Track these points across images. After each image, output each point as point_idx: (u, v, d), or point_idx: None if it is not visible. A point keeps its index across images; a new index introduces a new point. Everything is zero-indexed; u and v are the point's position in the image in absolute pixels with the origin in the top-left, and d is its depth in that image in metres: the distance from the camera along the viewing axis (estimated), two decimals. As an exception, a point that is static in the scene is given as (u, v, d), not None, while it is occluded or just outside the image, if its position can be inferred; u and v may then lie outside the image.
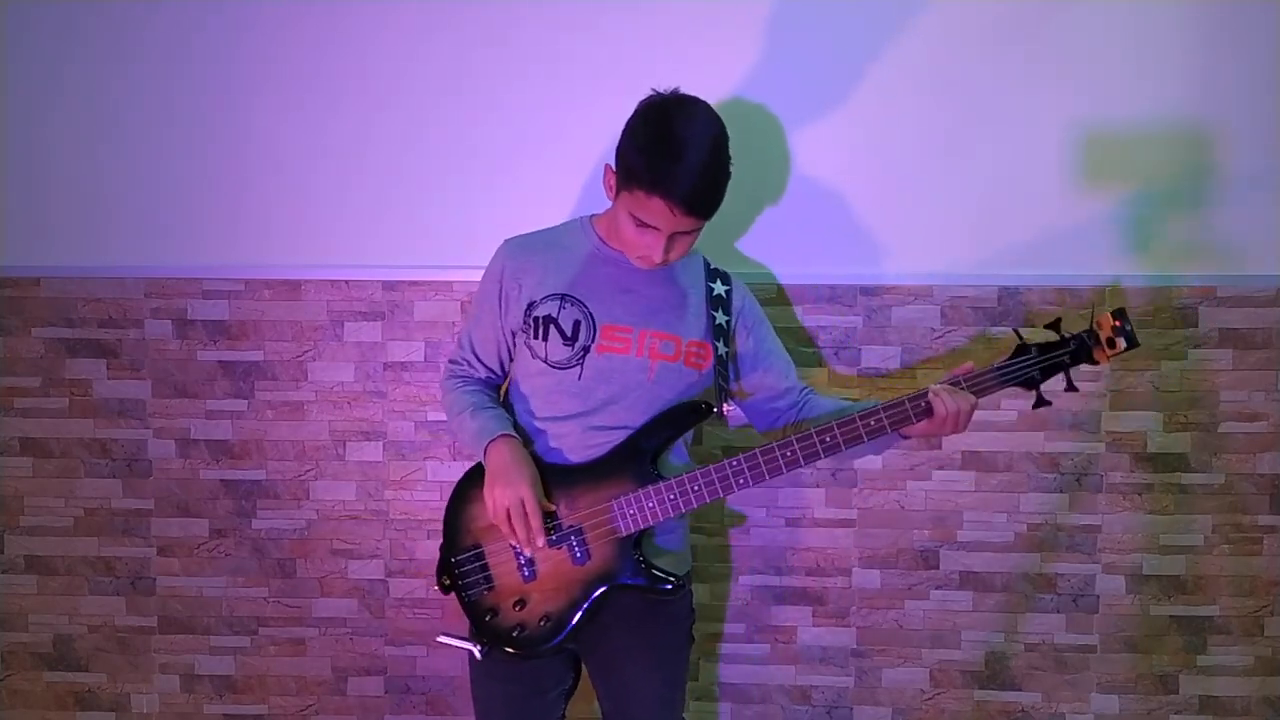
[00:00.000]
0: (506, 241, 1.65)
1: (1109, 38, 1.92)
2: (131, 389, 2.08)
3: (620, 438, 1.56)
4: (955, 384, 1.55)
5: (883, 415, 1.53)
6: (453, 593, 1.60)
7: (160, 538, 2.10)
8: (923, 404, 1.53)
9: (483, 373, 1.67)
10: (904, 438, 1.59)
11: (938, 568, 2.05)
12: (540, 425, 1.59)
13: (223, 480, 2.09)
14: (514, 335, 1.61)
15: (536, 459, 1.57)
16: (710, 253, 1.72)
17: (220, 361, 2.07)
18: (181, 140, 2.02)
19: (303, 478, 2.08)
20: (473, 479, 1.59)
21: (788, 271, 2.00)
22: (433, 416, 2.06)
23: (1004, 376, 1.56)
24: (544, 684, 1.64)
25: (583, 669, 1.70)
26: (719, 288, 1.63)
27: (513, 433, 1.57)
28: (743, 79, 1.95)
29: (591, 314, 1.56)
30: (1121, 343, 1.53)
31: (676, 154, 1.41)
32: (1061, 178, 1.95)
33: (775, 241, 1.99)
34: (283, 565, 2.10)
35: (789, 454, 1.53)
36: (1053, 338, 1.58)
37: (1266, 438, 2.00)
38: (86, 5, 1.99)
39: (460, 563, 1.59)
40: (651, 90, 1.51)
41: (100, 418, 2.09)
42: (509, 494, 1.50)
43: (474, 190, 2.01)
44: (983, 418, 2.00)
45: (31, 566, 2.12)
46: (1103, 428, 2.01)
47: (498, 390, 1.70)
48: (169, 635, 2.12)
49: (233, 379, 2.07)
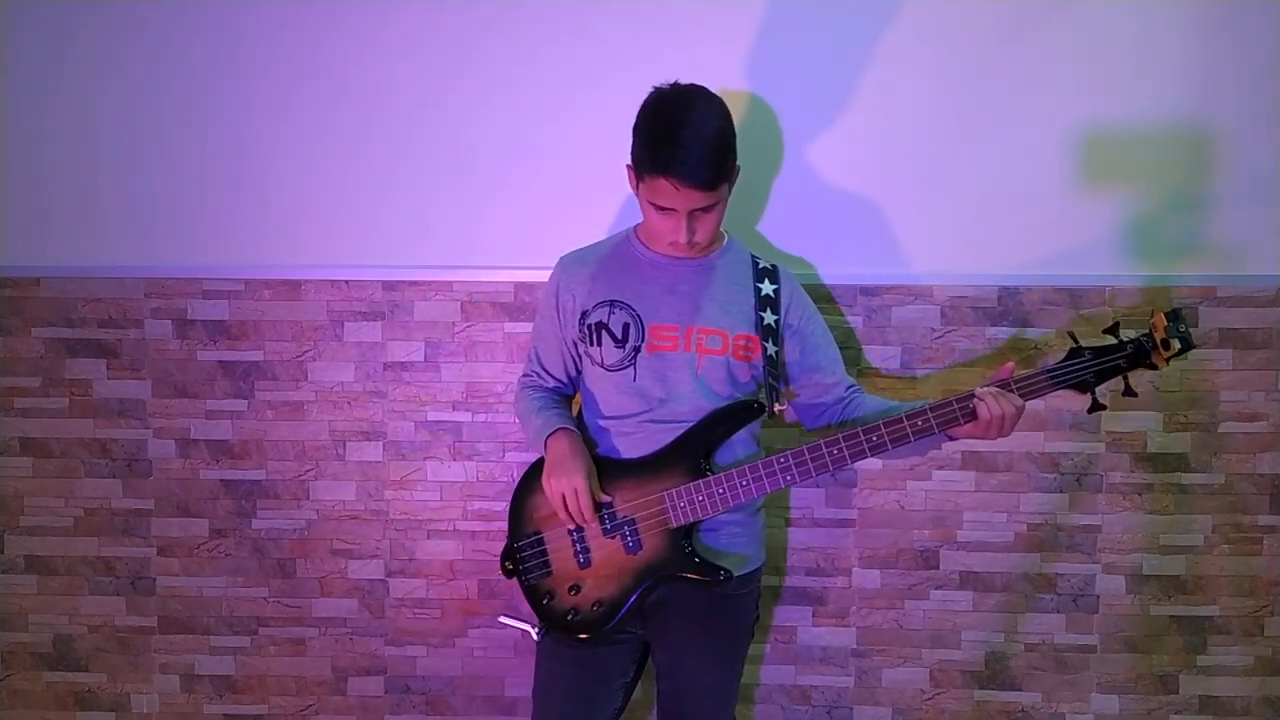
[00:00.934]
0: (561, 258, 1.72)
1: (1109, 38, 1.92)
2: (131, 389, 2.08)
3: (678, 433, 1.61)
4: (1004, 386, 1.55)
5: (930, 416, 1.55)
6: (514, 577, 1.68)
7: (160, 538, 2.10)
8: (970, 406, 1.53)
9: (551, 383, 1.75)
10: (950, 439, 1.60)
11: (938, 568, 2.05)
12: (605, 425, 1.66)
13: (223, 480, 2.09)
14: (576, 345, 1.69)
15: (596, 456, 1.64)
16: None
17: (220, 361, 2.07)
18: (181, 140, 2.02)
19: (303, 478, 2.08)
20: (537, 471, 1.66)
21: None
22: (433, 416, 2.06)
23: (1056, 379, 1.55)
24: (607, 672, 1.69)
25: (647, 662, 1.75)
26: (767, 287, 1.67)
27: (571, 427, 1.65)
28: (743, 79, 1.95)
29: (639, 315, 1.62)
30: (1176, 344, 1.49)
31: (674, 135, 1.47)
32: (1061, 178, 1.95)
33: (775, 241, 1.99)
34: (283, 565, 2.10)
35: (835, 452, 1.57)
36: (1108, 340, 1.56)
37: (1266, 438, 2.00)
38: (86, 5, 1.99)
39: (521, 548, 1.67)
40: (653, 87, 1.55)
41: (100, 418, 2.09)
42: (564, 482, 1.57)
43: (474, 190, 2.01)
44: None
45: (31, 566, 2.12)
46: (1103, 428, 2.01)
47: (568, 400, 1.77)
48: (169, 635, 2.12)
49: (233, 379, 2.07)
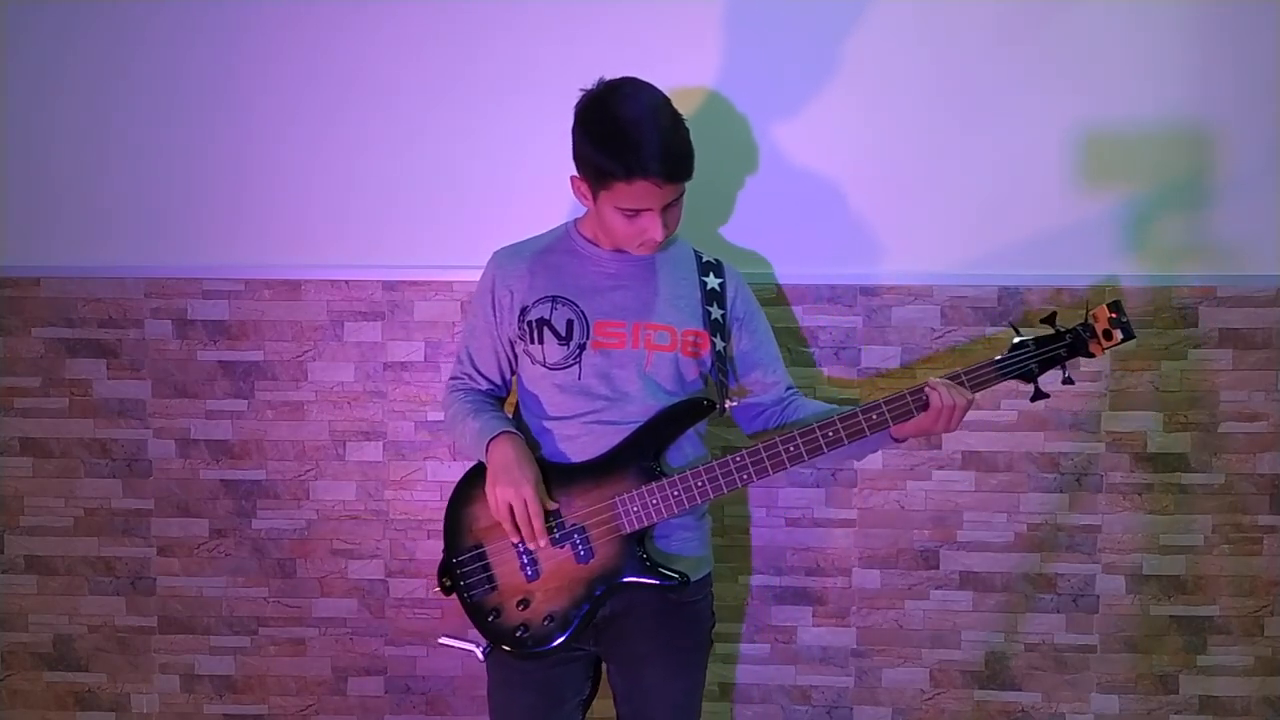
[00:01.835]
0: (495, 252, 1.66)
1: (1109, 38, 1.92)
2: (131, 389, 2.08)
3: (626, 433, 1.55)
4: (955, 378, 1.55)
5: (884, 409, 1.53)
6: (454, 594, 1.59)
7: (160, 538, 2.10)
8: (923, 397, 1.53)
9: (484, 385, 1.67)
10: (897, 441, 1.59)
11: (938, 568, 2.05)
12: (548, 426, 1.59)
13: (223, 480, 2.09)
14: (512, 344, 1.62)
15: (541, 459, 1.57)
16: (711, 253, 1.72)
17: (220, 361, 2.07)
18: (181, 140, 2.02)
19: (303, 478, 2.08)
20: (473, 479, 1.59)
21: (787, 271, 2.00)
22: (433, 416, 2.06)
23: (1002, 369, 1.56)
24: (562, 693, 1.62)
25: (601, 678, 1.69)
26: (712, 281, 1.63)
27: (514, 430, 1.57)
28: (744, 79, 1.95)
29: (583, 312, 1.56)
30: (1118, 334, 1.54)
31: (635, 134, 1.42)
32: (1061, 178, 1.95)
33: (775, 241, 1.99)
34: (283, 565, 2.10)
35: (792, 449, 1.52)
36: (1046, 330, 1.59)
37: (1266, 438, 2.00)
38: (86, 5, 2.00)
39: (462, 563, 1.58)
40: (579, 90, 1.50)
41: (100, 418, 2.09)
42: (510, 491, 1.49)
43: (474, 191, 2.01)
44: (983, 417, 2.01)
45: (31, 566, 2.12)
46: (1103, 428, 2.01)
47: (502, 403, 1.70)
48: (169, 635, 2.12)
49: (233, 379, 2.07)
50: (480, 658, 1.60)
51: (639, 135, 1.42)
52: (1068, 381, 1.59)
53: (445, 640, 1.64)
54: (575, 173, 1.52)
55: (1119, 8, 1.91)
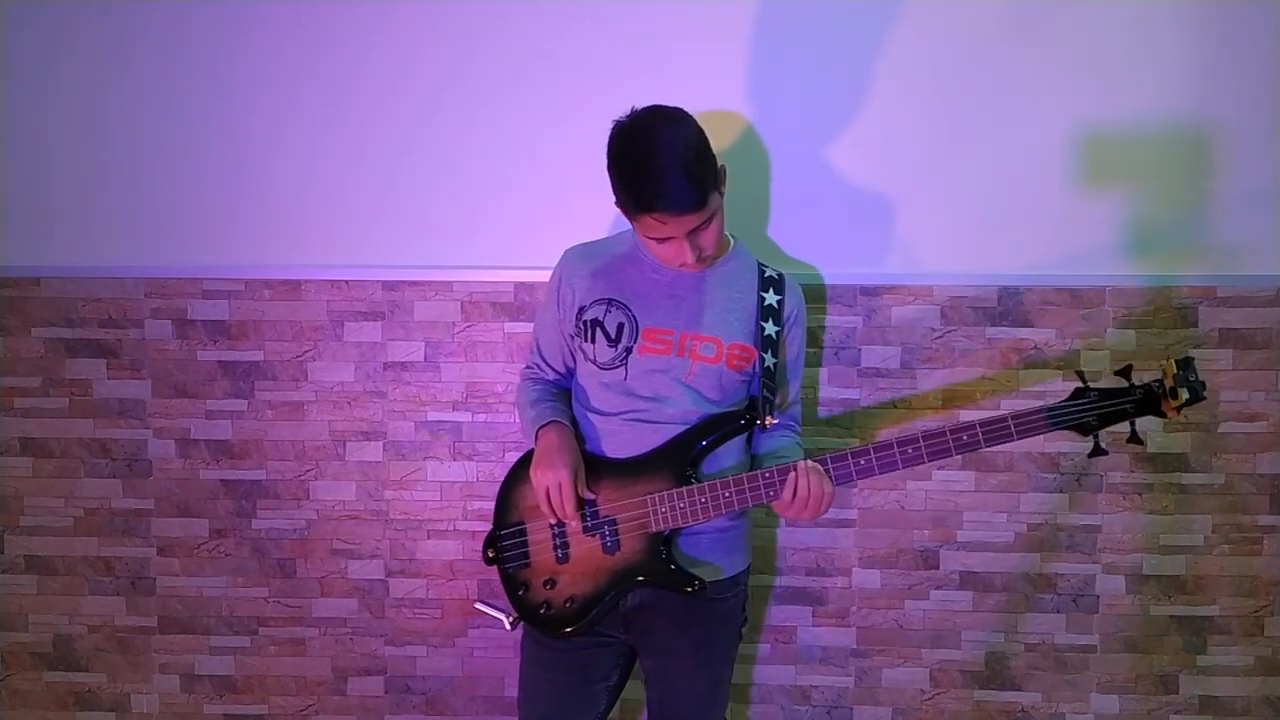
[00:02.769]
0: (567, 250, 1.71)
1: (1109, 38, 1.92)
2: (131, 389, 2.08)
3: (666, 435, 1.60)
4: (1001, 423, 1.48)
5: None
6: (495, 565, 1.68)
7: (160, 538, 2.10)
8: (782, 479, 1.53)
9: (551, 375, 1.74)
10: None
11: (938, 568, 2.05)
12: (594, 420, 1.65)
13: (223, 480, 2.09)
14: (572, 339, 1.68)
15: (584, 451, 1.63)
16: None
17: (220, 361, 2.07)
18: (181, 140, 2.02)
19: (303, 478, 2.08)
20: (526, 462, 1.66)
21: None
22: (433, 416, 2.06)
23: (1056, 419, 1.48)
24: (590, 674, 1.68)
25: (632, 669, 1.74)
26: (771, 298, 1.65)
27: (564, 421, 1.65)
28: (744, 79, 1.95)
29: (635, 317, 1.61)
30: (1184, 394, 1.42)
31: (647, 170, 1.45)
32: (1062, 177, 1.95)
33: (775, 241, 1.99)
34: (283, 565, 2.10)
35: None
36: (1119, 384, 1.48)
37: (1266, 438, 2.00)
38: (86, 5, 1.99)
39: (504, 536, 1.68)
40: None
41: (100, 418, 2.09)
42: (550, 475, 1.56)
43: (473, 190, 2.01)
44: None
45: (31, 566, 2.12)
46: (1103, 428, 2.01)
47: (567, 394, 1.75)
48: (169, 635, 2.12)
49: (233, 379, 2.07)
50: (508, 627, 1.67)
51: (648, 171, 1.45)
52: (1134, 440, 1.46)
53: (480, 605, 1.74)
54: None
55: (1119, 8, 1.91)
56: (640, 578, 1.58)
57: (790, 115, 1.96)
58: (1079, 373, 1.53)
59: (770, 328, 1.63)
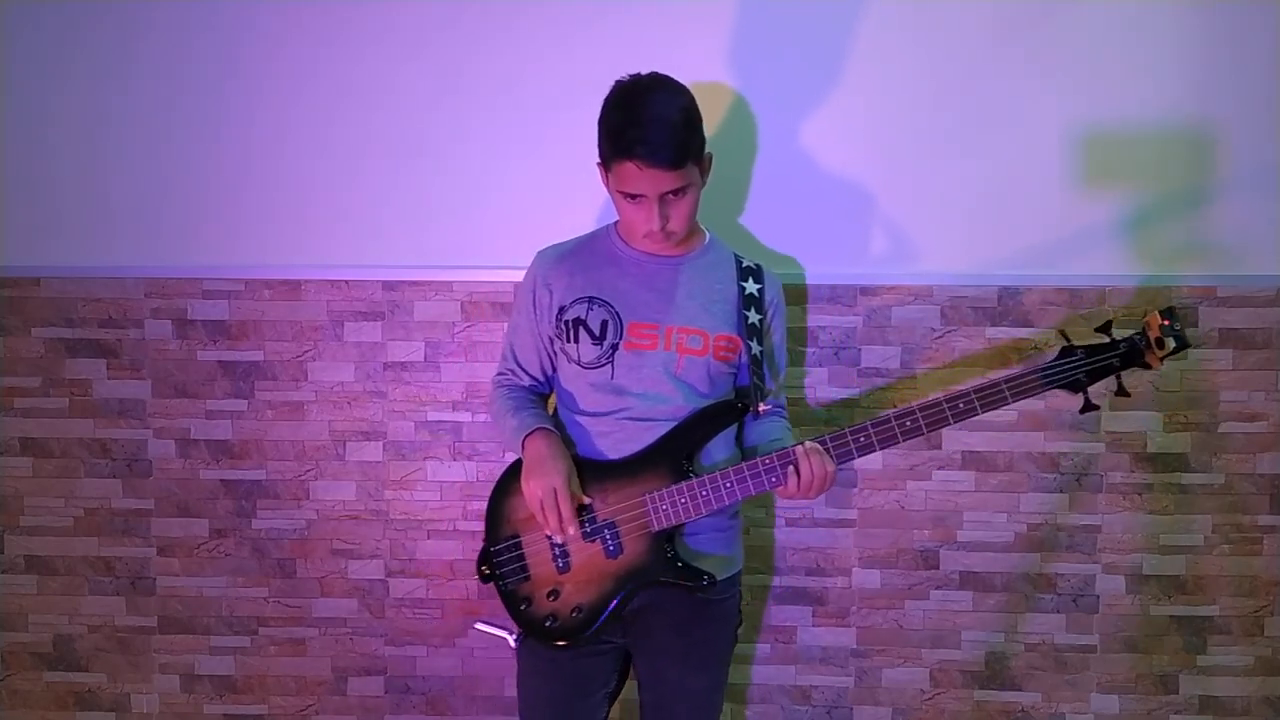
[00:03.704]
0: (539, 251, 1.70)
1: (1109, 38, 1.92)
2: (131, 389, 2.08)
3: (658, 432, 1.58)
4: (995, 387, 1.52)
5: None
6: (491, 582, 1.64)
7: (160, 538, 2.10)
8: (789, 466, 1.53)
9: (527, 381, 1.71)
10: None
11: (938, 568, 2.05)
12: (582, 422, 1.62)
13: (223, 480, 2.09)
14: (551, 341, 1.66)
15: (575, 456, 1.60)
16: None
17: (220, 361, 2.07)
18: (181, 140, 2.02)
19: (303, 478, 2.08)
20: (515, 472, 1.63)
21: (787, 271, 2.00)
22: (433, 416, 2.06)
23: (1048, 378, 1.52)
24: (589, 685, 1.65)
25: (629, 672, 1.72)
26: (751, 286, 1.65)
27: (550, 427, 1.61)
28: (743, 79, 1.95)
29: (618, 313, 1.59)
30: (1171, 343, 1.46)
31: (636, 116, 1.46)
32: (1061, 177, 1.95)
33: (775, 242, 1.99)
34: (283, 565, 2.10)
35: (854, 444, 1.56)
36: (1101, 339, 1.53)
37: (1266, 438, 2.00)
38: (86, 6, 2.00)
39: (498, 552, 1.62)
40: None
41: (100, 418, 2.09)
42: (543, 484, 1.53)
43: (474, 190, 2.01)
44: (983, 417, 1.99)
45: (31, 566, 2.12)
46: (1103, 428, 2.01)
47: (543, 399, 1.73)
48: (169, 635, 2.12)
49: (233, 379, 2.07)
50: (512, 644, 1.64)
51: (635, 118, 1.46)
52: (1121, 393, 1.53)
53: (481, 625, 1.70)
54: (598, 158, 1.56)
55: (1119, 8, 1.91)
56: (650, 579, 1.56)
57: (788, 115, 1.96)
58: (1062, 332, 1.57)
59: (753, 316, 1.63)
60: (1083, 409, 1.54)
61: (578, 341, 1.60)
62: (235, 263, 2.04)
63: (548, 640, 1.59)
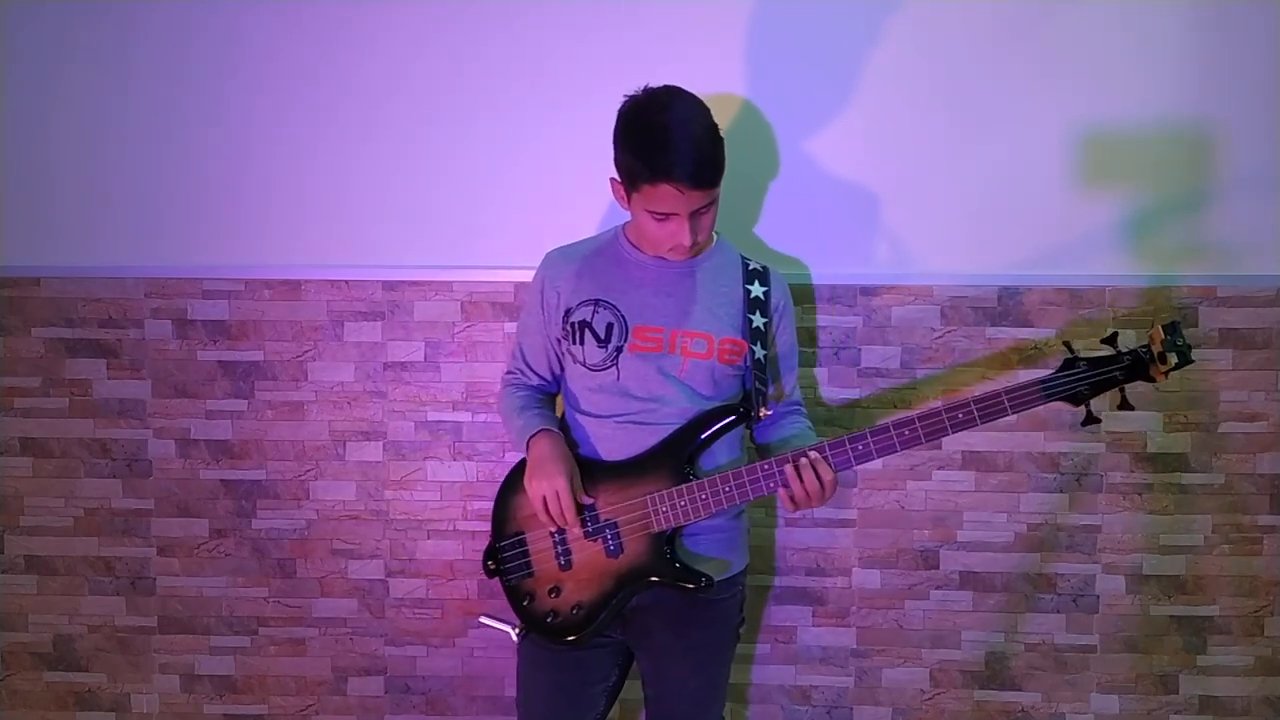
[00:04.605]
0: (548, 253, 1.70)
1: (1109, 38, 1.92)
2: (131, 389, 2.08)
3: (661, 435, 1.59)
4: (995, 399, 1.49)
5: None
6: (496, 577, 1.67)
7: (160, 538, 2.10)
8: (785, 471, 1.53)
9: (535, 380, 1.72)
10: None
11: (938, 568, 2.05)
12: (586, 424, 1.64)
13: (223, 480, 2.09)
14: (559, 343, 1.67)
15: (579, 456, 1.62)
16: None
17: (220, 361, 2.07)
18: (181, 140, 2.02)
19: (303, 478, 2.08)
20: (521, 471, 1.65)
21: (787, 271, 1.99)
22: (433, 416, 2.06)
23: (1050, 390, 1.50)
24: (588, 675, 1.68)
25: (629, 669, 1.74)
26: (757, 289, 1.65)
27: (554, 429, 1.63)
28: (743, 79, 1.95)
29: (624, 316, 1.60)
30: (1173, 358, 1.43)
31: (664, 139, 1.45)
32: (1061, 178, 1.95)
33: (775, 241, 1.99)
34: (283, 565, 2.10)
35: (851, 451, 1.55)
36: (1105, 351, 1.50)
37: (1266, 438, 2.00)
38: (86, 6, 2.00)
39: (504, 548, 1.66)
40: (624, 96, 1.53)
41: (100, 418, 2.09)
42: (545, 484, 1.55)
43: (474, 190, 2.01)
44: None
45: (31, 566, 2.12)
46: (1103, 428, 2.01)
47: (551, 398, 1.75)
48: (169, 635, 2.12)
49: (233, 379, 2.07)
50: (515, 639, 1.66)
51: (666, 139, 1.45)
52: (1125, 406, 1.49)
53: (485, 619, 1.72)
54: (614, 175, 1.55)
55: (1119, 8, 1.91)
56: (648, 578, 1.57)
57: (788, 115, 1.96)
58: (1066, 344, 1.54)
59: (758, 319, 1.63)
60: (1085, 422, 1.51)
61: (583, 344, 1.61)
62: (235, 263, 2.04)
63: (548, 636, 1.61)
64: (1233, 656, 2.04)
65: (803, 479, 1.52)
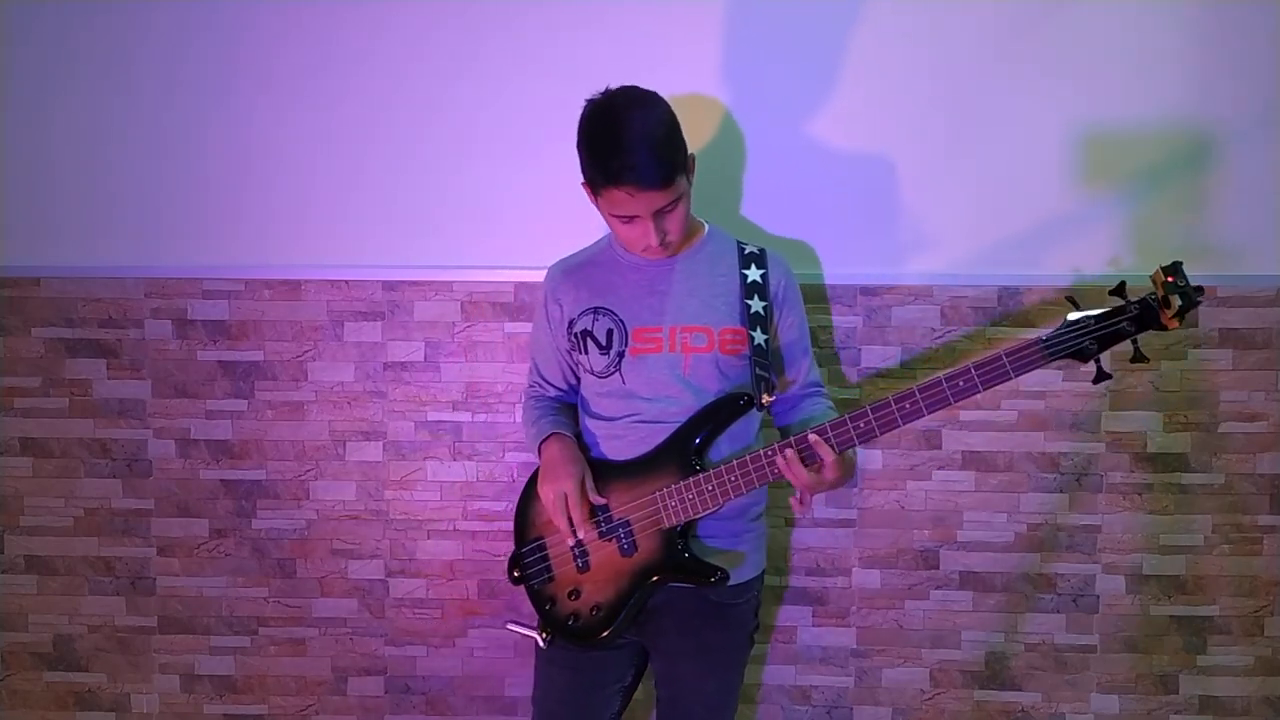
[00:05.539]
0: (549, 268, 1.73)
1: (1109, 38, 1.92)
2: (131, 389, 2.08)
3: (670, 432, 1.59)
4: (996, 361, 1.43)
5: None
6: (522, 584, 1.69)
7: (160, 538, 2.10)
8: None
9: (552, 392, 1.76)
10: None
11: (938, 568, 2.05)
12: (598, 427, 1.65)
13: (223, 480, 2.09)
14: (569, 354, 1.69)
15: (591, 459, 1.64)
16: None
17: (220, 361, 2.07)
18: (181, 140, 2.02)
19: (303, 478, 2.08)
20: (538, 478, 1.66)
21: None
22: (432, 416, 2.06)
23: (1052, 349, 1.41)
24: (604, 676, 1.68)
25: (645, 669, 1.74)
26: (754, 273, 1.63)
27: (564, 433, 1.66)
28: (744, 79, 1.95)
29: (622, 320, 1.61)
30: (1177, 301, 1.35)
31: (615, 143, 1.45)
32: (1061, 178, 1.95)
33: (774, 242, 1.99)
34: (283, 565, 2.10)
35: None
36: (1112, 303, 1.42)
37: (1266, 438, 2.00)
38: (86, 6, 2.00)
39: (526, 554, 1.68)
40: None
41: (100, 418, 2.09)
42: (555, 487, 1.57)
43: (474, 190, 2.01)
44: (983, 417, 2.01)
45: (31, 566, 2.12)
46: (1103, 428, 2.01)
47: (572, 409, 1.75)
48: (169, 635, 2.12)
49: (233, 379, 2.07)
50: (541, 644, 1.66)
51: (618, 143, 1.45)
52: (1138, 359, 1.40)
53: (511, 626, 1.72)
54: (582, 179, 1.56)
55: (1119, 8, 1.91)
56: (662, 574, 1.57)
57: (789, 115, 1.96)
58: (1069, 298, 1.45)
59: (756, 304, 1.61)
60: (1096, 379, 1.42)
61: (587, 352, 1.63)
62: (235, 263, 2.04)
63: (572, 639, 1.62)
64: (1233, 656, 2.04)
65: (793, 470, 1.49)
